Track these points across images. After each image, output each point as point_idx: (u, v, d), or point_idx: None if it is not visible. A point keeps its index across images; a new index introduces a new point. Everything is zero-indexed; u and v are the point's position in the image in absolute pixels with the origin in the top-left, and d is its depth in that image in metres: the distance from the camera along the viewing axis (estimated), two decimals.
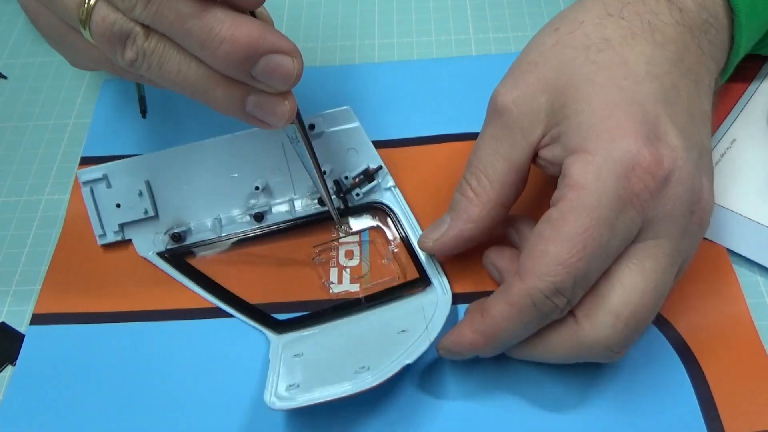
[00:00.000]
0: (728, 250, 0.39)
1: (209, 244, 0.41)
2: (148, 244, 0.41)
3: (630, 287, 0.30)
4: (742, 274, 0.38)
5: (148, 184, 0.40)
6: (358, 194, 0.41)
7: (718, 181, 0.41)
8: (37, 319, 0.39)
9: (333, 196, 0.40)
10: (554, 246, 0.30)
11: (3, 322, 0.39)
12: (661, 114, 0.31)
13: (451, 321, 0.37)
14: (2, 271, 0.42)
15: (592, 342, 0.31)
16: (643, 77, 0.32)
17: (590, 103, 0.31)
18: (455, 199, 0.36)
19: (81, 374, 0.37)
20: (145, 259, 0.41)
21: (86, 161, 0.46)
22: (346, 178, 0.41)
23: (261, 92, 0.31)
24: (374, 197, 0.42)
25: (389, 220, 0.41)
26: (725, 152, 0.42)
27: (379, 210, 0.41)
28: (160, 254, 0.41)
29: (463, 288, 0.38)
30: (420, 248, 0.38)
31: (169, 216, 0.41)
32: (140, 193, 0.40)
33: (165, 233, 0.41)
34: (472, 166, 0.35)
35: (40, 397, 0.36)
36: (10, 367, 0.38)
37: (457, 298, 0.38)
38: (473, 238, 0.36)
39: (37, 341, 0.38)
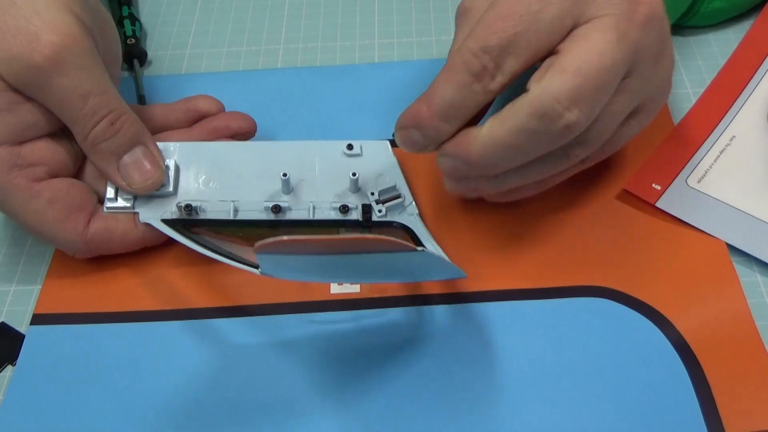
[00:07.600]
0: (728, 245, 0.39)
1: (218, 224, 0.39)
2: (155, 214, 0.39)
3: (576, 51, 0.32)
4: (743, 274, 0.38)
5: (176, 165, 0.40)
6: (380, 210, 0.39)
7: (719, 176, 0.41)
8: (37, 319, 0.39)
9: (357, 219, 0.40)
10: (489, 15, 0.33)
11: (3, 322, 0.39)
12: None
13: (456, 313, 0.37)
14: (2, 271, 0.42)
15: (540, 96, 0.32)
16: None
17: None
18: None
19: (81, 374, 0.37)
20: (149, 225, 0.39)
21: None
22: (372, 194, 0.40)
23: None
24: (396, 218, 0.40)
25: (408, 236, 0.40)
26: (725, 148, 0.42)
27: (399, 230, 0.40)
28: (165, 220, 0.39)
29: (464, 288, 0.38)
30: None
31: (186, 199, 0.40)
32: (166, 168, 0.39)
33: (176, 206, 0.39)
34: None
35: (41, 398, 0.36)
36: (10, 367, 0.38)
37: (459, 298, 0.38)
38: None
39: (37, 341, 0.38)
